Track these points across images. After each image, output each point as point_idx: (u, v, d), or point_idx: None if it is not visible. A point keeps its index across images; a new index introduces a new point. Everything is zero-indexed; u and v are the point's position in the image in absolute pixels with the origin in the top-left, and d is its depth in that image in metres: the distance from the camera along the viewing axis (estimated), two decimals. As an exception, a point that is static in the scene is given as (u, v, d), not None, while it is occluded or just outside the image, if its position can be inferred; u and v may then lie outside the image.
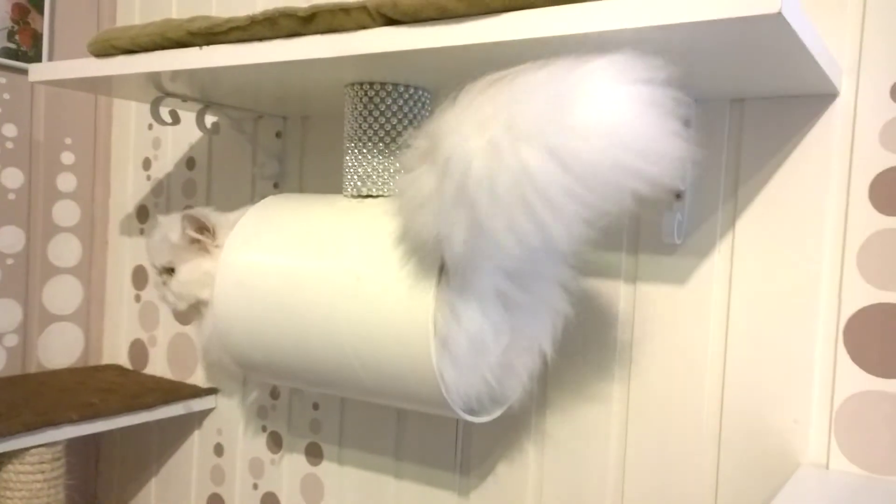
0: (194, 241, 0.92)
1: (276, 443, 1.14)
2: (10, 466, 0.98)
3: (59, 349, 1.29)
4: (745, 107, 0.79)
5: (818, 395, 0.77)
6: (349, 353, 0.74)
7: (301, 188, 1.11)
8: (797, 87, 0.74)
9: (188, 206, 1.19)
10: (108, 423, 1.07)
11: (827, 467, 0.76)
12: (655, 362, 0.84)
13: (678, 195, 0.81)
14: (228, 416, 1.19)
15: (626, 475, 0.86)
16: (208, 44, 0.80)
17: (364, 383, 0.76)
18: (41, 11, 1.21)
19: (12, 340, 1.22)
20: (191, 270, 0.92)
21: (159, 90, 0.97)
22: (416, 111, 0.81)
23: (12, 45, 1.18)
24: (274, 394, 1.14)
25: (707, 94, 0.79)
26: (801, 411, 0.77)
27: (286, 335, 0.78)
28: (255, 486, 1.16)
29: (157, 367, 1.28)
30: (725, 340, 0.81)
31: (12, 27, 1.18)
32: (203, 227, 0.92)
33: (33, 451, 0.99)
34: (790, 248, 0.78)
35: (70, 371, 1.27)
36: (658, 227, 0.84)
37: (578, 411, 0.89)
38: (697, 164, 0.81)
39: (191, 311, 0.94)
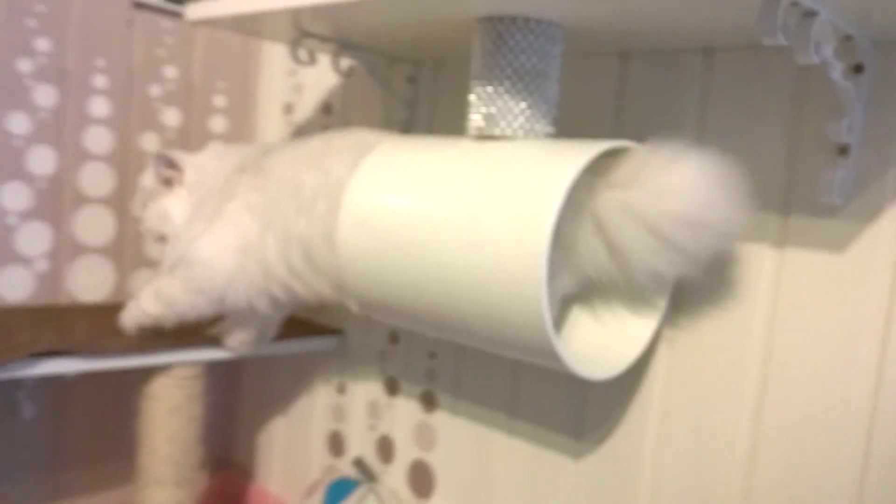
0: (165, 180, 1.01)
1: (392, 387, 1.15)
2: (157, 379, 1.06)
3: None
4: (929, 49, 0.69)
5: None
6: (461, 294, 0.73)
7: (430, 134, 1.10)
8: None
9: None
10: (239, 351, 1.12)
11: None
12: (802, 335, 0.76)
13: (843, 149, 0.72)
14: (351, 356, 1.22)
15: (759, 448, 0.79)
16: (341, -22, 0.80)
17: (475, 327, 0.74)
18: (202, -42, 1.27)
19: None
20: (153, 208, 1.02)
21: (298, 29, 0.98)
22: (547, 47, 0.77)
23: (175, -9, 1.25)
24: (393, 338, 1.15)
25: (886, 34, 0.69)
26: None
27: (402, 275, 0.78)
28: (373, 428, 1.18)
29: (290, 305, 1.33)
30: (888, 317, 0.71)
31: (176, -26, 1.25)
32: (172, 163, 1.02)
33: (177, 367, 1.06)
34: (971, 215, 0.67)
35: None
36: (816, 184, 0.75)
37: (705, 380, 0.83)
38: (870, 114, 0.72)
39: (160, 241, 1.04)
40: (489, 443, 1.03)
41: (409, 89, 1.12)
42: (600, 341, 0.84)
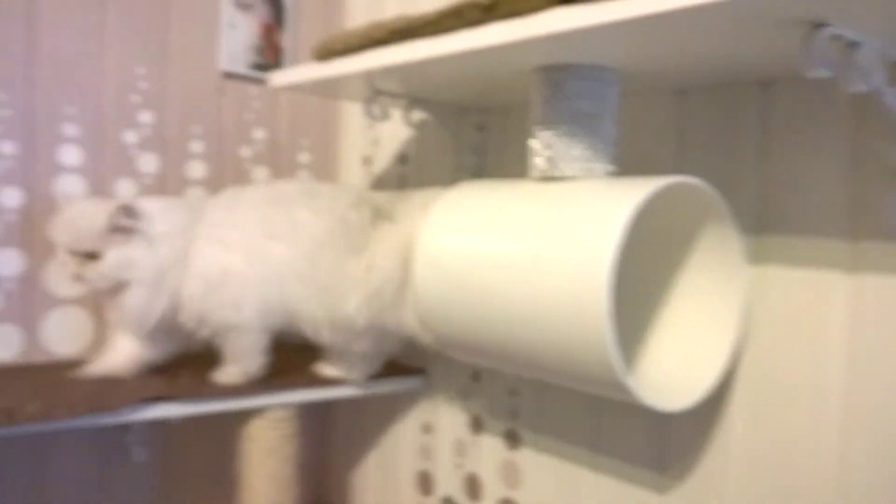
0: (118, 228, 1.04)
1: (477, 425, 1.18)
2: (254, 421, 1.13)
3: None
4: None
5: None
6: (530, 333, 0.76)
7: (499, 178, 1.14)
8: None
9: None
10: (331, 392, 1.18)
11: None
12: (882, 360, 0.74)
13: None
14: (435, 396, 1.25)
15: (848, 476, 0.77)
16: (406, 40, 0.86)
17: (546, 364, 0.76)
18: (283, 28, 1.37)
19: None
20: (118, 257, 1.04)
21: (371, 89, 1.05)
22: (601, 91, 0.80)
23: (260, 60, 1.36)
24: (475, 377, 1.18)
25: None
26: None
27: (474, 314, 0.82)
28: (459, 466, 1.21)
29: (376, 347, 1.39)
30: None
31: (260, 45, 1.35)
32: (134, 213, 1.05)
33: (272, 409, 1.13)
34: None
35: (299, 347, 1.42)
36: (880, 209, 0.74)
37: (786, 410, 0.81)
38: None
39: (109, 290, 1.06)
40: (573, 479, 1.03)
41: (479, 136, 1.17)
42: (678, 367, 0.85)
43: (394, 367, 1.29)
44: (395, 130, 1.33)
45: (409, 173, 1.31)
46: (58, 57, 1.19)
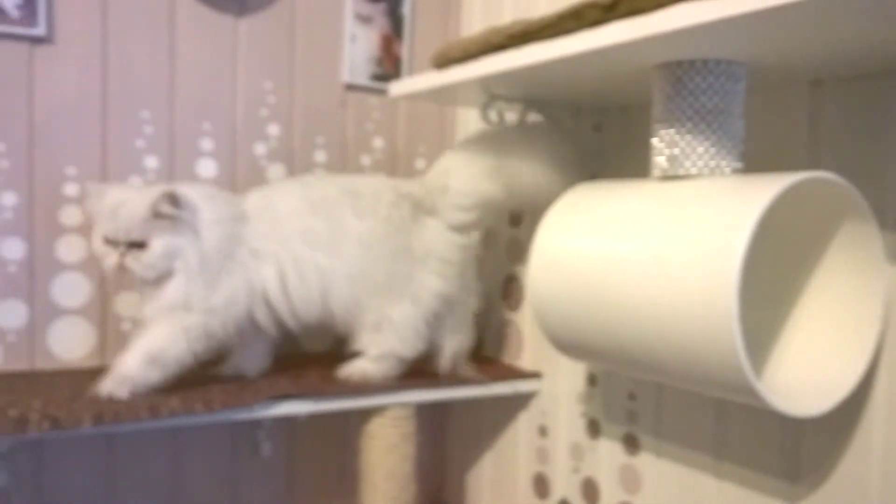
0: (162, 216, 1.02)
1: (594, 429, 1.17)
2: (374, 419, 1.17)
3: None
4: None
5: None
6: (653, 335, 0.75)
7: (618, 179, 1.12)
8: None
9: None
10: (447, 393, 1.20)
11: None
12: None
13: None
14: (551, 399, 1.25)
15: None
16: (524, 44, 0.87)
17: (669, 366, 0.75)
18: (401, 38, 1.42)
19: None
20: (165, 245, 1.02)
21: (488, 94, 1.07)
22: (728, 86, 0.78)
23: (380, 70, 1.40)
24: (591, 381, 1.17)
25: None
26: None
27: (593, 314, 0.81)
28: (576, 470, 1.20)
29: (490, 349, 1.40)
30: None
31: (380, 56, 1.40)
32: (178, 202, 1.03)
33: (392, 408, 1.16)
34: None
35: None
36: None
37: (932, 420, 0.76)
38: None
39: (154, 279, 1.05)
40: (696, 486, 1.01)
41: (596, 137, 1.16)
42: (811, 371, 0.81)
43: (508, 369, 1.29)
44: (510, 135, 1.34)
45: (523, 177, 1.31)
46: (195, 76, 1.28)
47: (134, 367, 1.03)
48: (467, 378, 1.21)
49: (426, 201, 1.18)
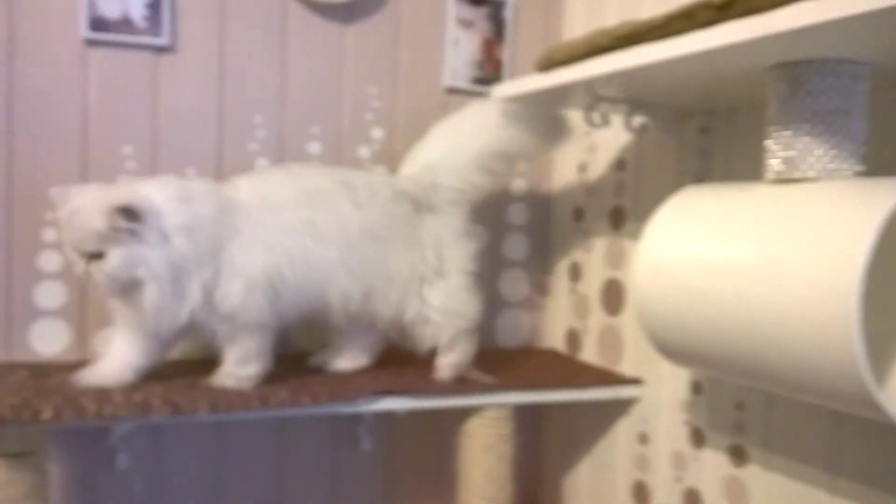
0: (120, 230, 0.97)
1: (698, 439, 1.14)
2: (472, 419, 1.18)
3: (511, 331, 1.50)
4: None
5: None
6: (766, 341, 0.72)
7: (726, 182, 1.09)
8: None
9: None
10: (545, 395, 1.20)
11: None
12: None
13: None
14: (652, 406, 1.23)
15: None
16: (632, 45, 0.86)
17: (782, 375, 0.73)
18: (503, 42, 1.43)
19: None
20: (123, 256, 0.98)
21: (592, 96, 1.06)
22: (849, 86, 0.75)
23: (481, 74, 1.42)
24: (696, 388, 1.14)
25: None
26: None
27: (701, 319, 0.80)
28: (678, 480, 1.17)
29: (589, 354, 1.39)
30: None
31: (481, 59, 1.42)
32: (136, 215, 0.98)
33: (489, 408, 1.17)
34: None
35: (517, 350, 1.47)
36: None
37: None
38: None
39: (119, 289, 1.02)
40: (807, 502, 0.97)
41: (703, 139, 1.13)
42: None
43: (607, 375, 1.28)
44: (613, 136, 1.33)
45: (626, 179, 1.30)
46: (304, 82, 1.33)
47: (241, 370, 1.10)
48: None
49: (422, 198, 1.19)
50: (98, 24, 1.20)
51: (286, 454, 1.36)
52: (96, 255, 0.99)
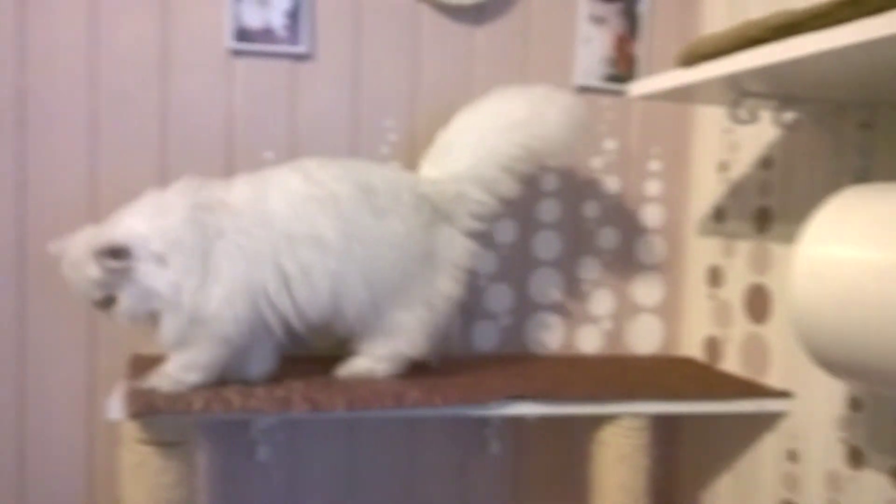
0: (113, 273, 0.96)
1: (856, 459, 1.05)
2: (607, 427, 1.15)
3: (644, 337, 1.44)
4: None
5: None
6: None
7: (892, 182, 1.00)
8: None
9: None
10: (686, 406, 1.15)
11: None
12: None
13: None
14: (803, 421, 1.15)
15: None
16: (787, 36, 0.80)
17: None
18: (637, 38, 1.38)
19: (607, 325, 1.42)
20: (133, 295, 0.97)
21: (737, 91, 1.00)
22: None
23: (613, 71, 1.38)
24: (854, 404, 1.05)
25: None
26: None
27: (869, 330, 0.73)
28: (833, 502, 1.09)
29: (730, 363, 1.32)
30: None
31: (614, 56, 1.37)
32: (121, 252, 0.96)
33: (625, 418, 1.13)
34: None
35: (651, 358, 1.41)
36: None
37: None
38: None
39: (147, 321, 1.01)
40: None
41: (863, 136, 1.04)
42: None
43: (753, 387, 1.21)
44: (759, 133, 1.25)
45: (772, 178, 1.22)
46: (435, 85, 1.34)
47: (174, 376, 1.04)
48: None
49: (443, 207, 1.14)
50: (242, 34, 1.25)
51: (416, 453, 1.38)
52: (108, 301, 0.99)
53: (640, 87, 1.08)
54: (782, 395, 1.17)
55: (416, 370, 1.17)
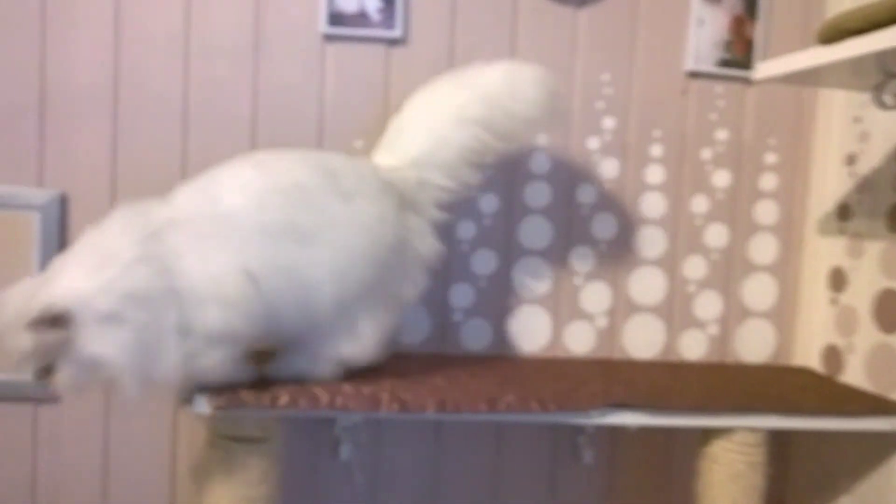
0: (52, 345, 0.80)
1: None
2: (717, 442, 1.05)
3: (755, 345, 1.33)
4: None
5: None
6: None
7: None
8: None
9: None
10: (806, 422, 1.04)
11: None
12: None
13: None
14: (944, 445, 1.02)
15: None
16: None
17: None
18: (755, 19, 1.27)
19: (714, 330, 1.32)
20: (75, 366, 0.82)
21: (885, 73, 0.89)
22: None
23: (728, 55, 1.27)
24: None
25: None
26: None
27: None
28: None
29: (853, 376, 1.20)
30: None
31: (729, 39, 1.27)
32: (58, 320, 0.80)
33: (738, 432, 1.03)
34: None
35: (763, 367, 1.30)
36: None
37: None
38: None
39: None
40: None
41: None
42: None
43: (882, 402, 1.09)
44: (893, 122, 1.13)
45: (911, 173, 1.10)
46: (534, 69, 1.27)
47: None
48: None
49: (408, 195, 1.04)
50: (336, 18, 1.21)
51: (503, 459, 1.31)
52: (46, 371, 0.84)
53: (768, 68, 0.98)
54: (917, 413, 1.05)
55: (501, 370, 1.10)
